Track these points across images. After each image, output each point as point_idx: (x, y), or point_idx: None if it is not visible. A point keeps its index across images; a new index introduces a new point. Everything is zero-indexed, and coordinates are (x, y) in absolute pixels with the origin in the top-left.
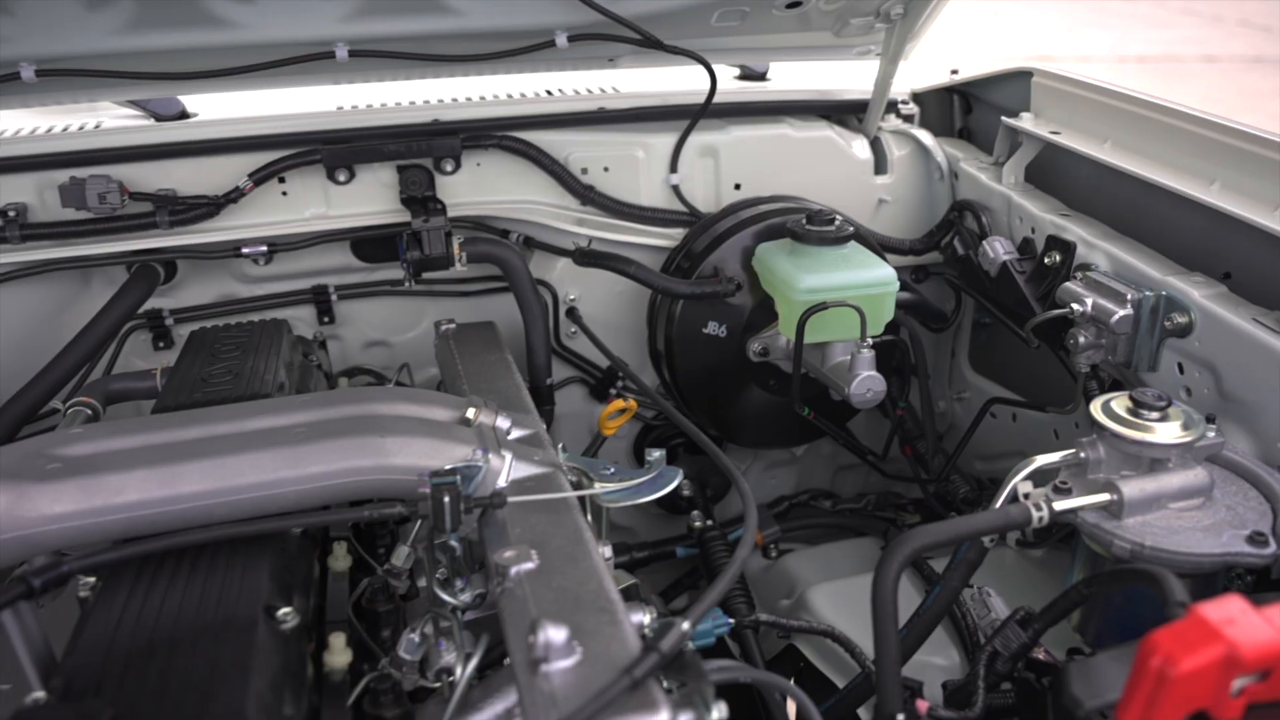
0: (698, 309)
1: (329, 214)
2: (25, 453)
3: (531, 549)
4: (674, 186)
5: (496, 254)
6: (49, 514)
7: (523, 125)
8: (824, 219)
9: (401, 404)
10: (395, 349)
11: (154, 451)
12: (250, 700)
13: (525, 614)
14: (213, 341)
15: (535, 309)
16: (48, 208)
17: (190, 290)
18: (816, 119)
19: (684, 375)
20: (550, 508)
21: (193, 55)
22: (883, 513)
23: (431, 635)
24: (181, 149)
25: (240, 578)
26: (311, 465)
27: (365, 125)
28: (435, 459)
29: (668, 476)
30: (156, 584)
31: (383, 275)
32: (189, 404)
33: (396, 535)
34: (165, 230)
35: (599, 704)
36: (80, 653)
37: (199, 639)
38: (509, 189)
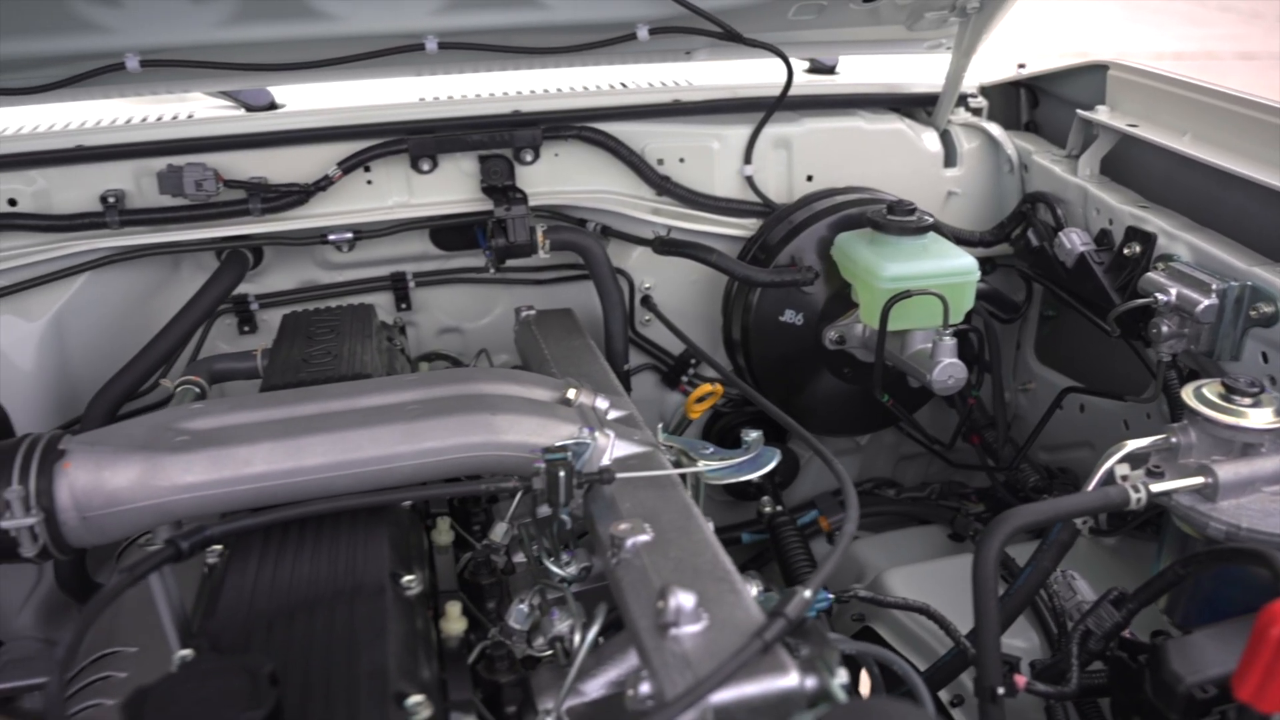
0: (775, 297)
1: (411, 202)
2: (152, 426)
3: (644, 523)
4: (748, 178)
5: (579, 242)
6: (181, 484)
7: (601, 117)
8: (905, 209)
9: (505, 384)
10: (468, 335)
11: (277, 426)
12: (390, 659)
13: (647, 582)
14: (307, 325)
15: (614, 296)
16: (144, 194)
17: (274, 276)
18: (887, 112)
19: (759, 362)
20: (655, 484)
21: (286, 47)
22: (946, 502)
23: (540, 606)
24: (273, 138)
25: (363, 547)
26: (426, 441)
27: (448, 116)
28: (543, 436)
29: (767, 456)
30: (284, 551)
31: (459, 263)
32: (295, 383)
33: (491, 513)
34: (256, 217)
35: (735, 665)
36: (222, 614)
37: (334, 602)
38: (586, 179)
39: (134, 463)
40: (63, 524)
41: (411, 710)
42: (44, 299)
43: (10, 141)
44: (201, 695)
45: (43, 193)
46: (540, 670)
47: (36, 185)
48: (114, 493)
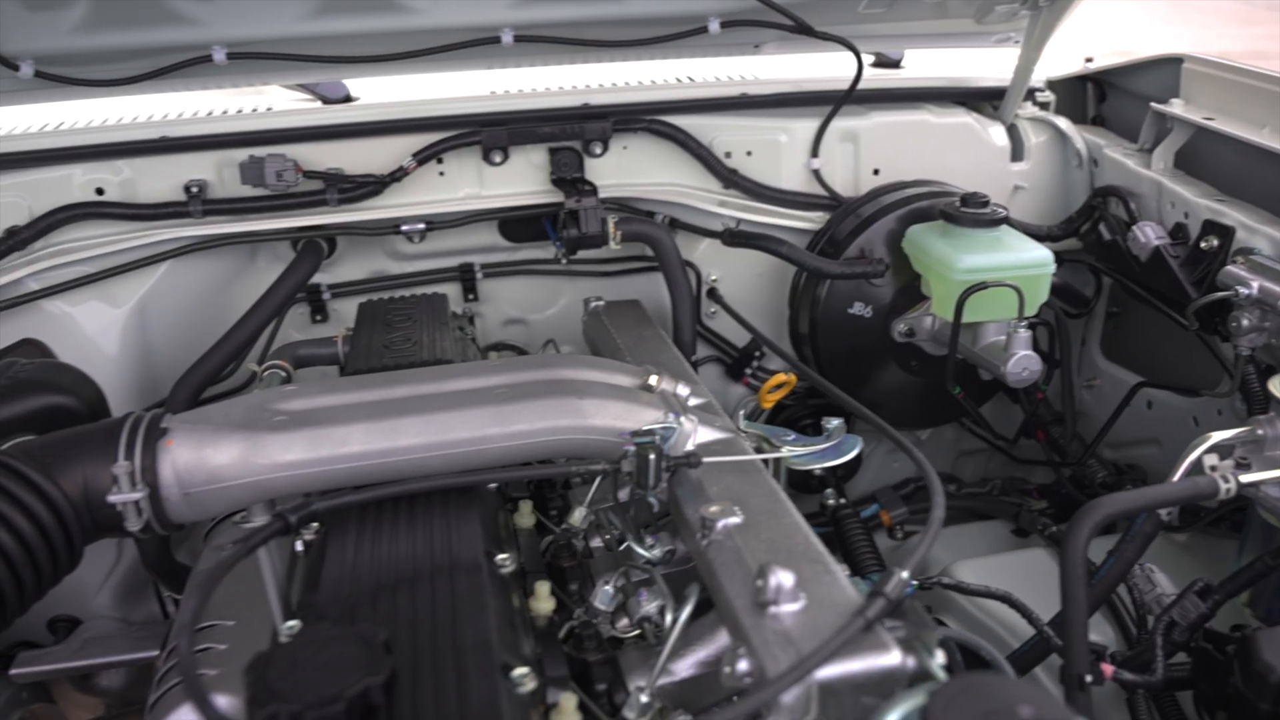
0: (844, 290)
1: (482, 194)
2: (249, 406)
3: (734, 506)
4: (815, 171)
5: (649, 233)
6: (280, 462)
7: (670, 110)
8: (979, 201)
9: (588, 370)
10: (532, 327)
11: (370, 407)
12: (493, 633)
13: (741, 563)
14: (384, 312)
15: (684, 288)
16: (225, 184)
17: (345, 266)
18: (953, 105)
19: (827, 354)
20: (740, 469)
21: (364, 40)
22: (1008, 498)
23: (625, 587)
24: (349, 130)
25: (456, 526)
26: (516, 424)
27: (519, 109)
28: (628, 421)
29: (849, 443)
30: (380, 529)
31: (525, 255)
32: (379, 368)
33: (567, 499)
34: (333, 207)
35: (839, 641)
36: (325, 588)
37: (433, 577)
38: (653, 171)
39: (235, 441)
40: (165, 499)
41: (517, 681)
42: (128, 286)
43: (98, 132)
44: (321, 661)
45: (129, 182)
46: (627, 650)
47: (123, 175)
48: (216, 470)
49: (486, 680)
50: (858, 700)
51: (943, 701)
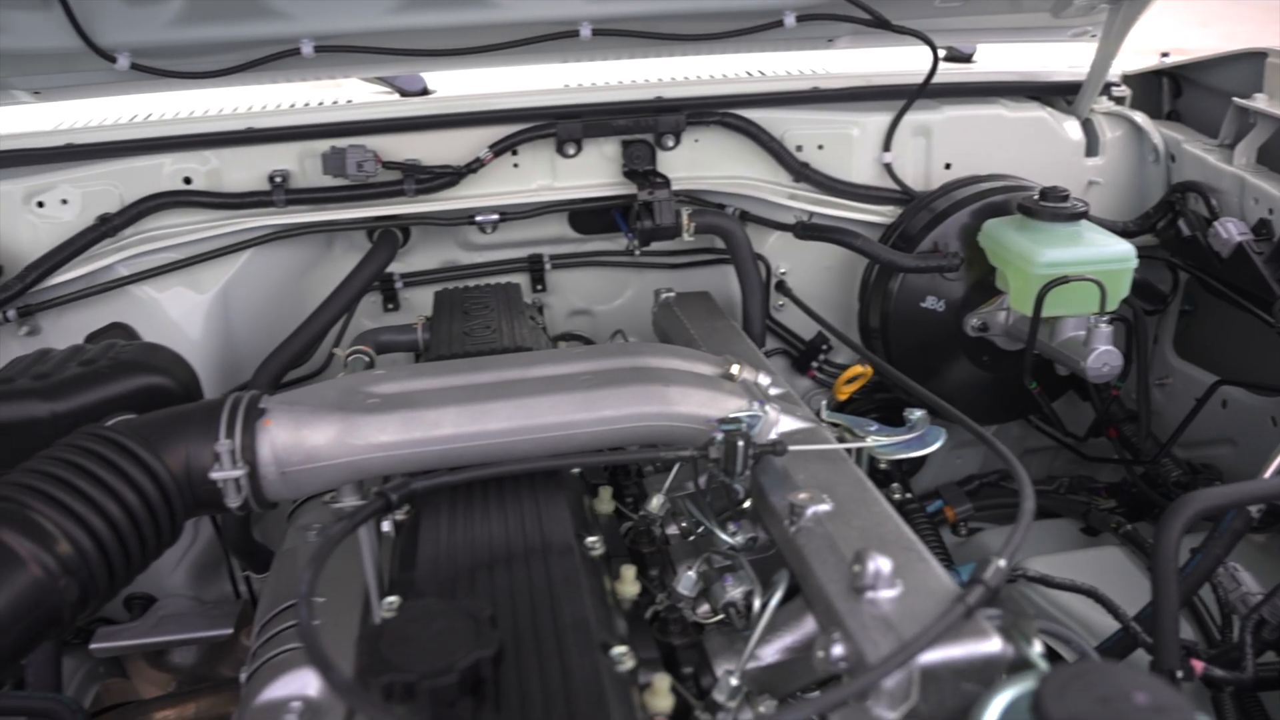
0: (917, 284)
1: (554, 185)
2: (343, 389)
3: (822, 493)
4: (886, 165)
5: (722, 225)
6: (375, 443)
7: (742, 103)
8: (1058, 195)
9: (671, 358)
10: (597, 318)
11: (460, 391)
12: (590, 612)
13: (834, 549)
14: (461, 301)
15: (754, 280)
16: (307, 174)
17: (417, 256)
18: (1026, 100)
19: (898, 349)
20: (826, 458)
21: (446, 34)
22: (1075, 496)
23: (708, 573)
24: (427, 122)
25: (545, 508)
26: (603, 409)
27: (593, 102)
28: (713, 408)
29: (934, 434)
30: (471, 510)
31: (593, 246)
32: (462, 354)
33: (643, 486)
34: (410, 198)
35: (941, 627)
36: (422, 565)
37: (527, 558)
38: (724, 164)
39: (331, 422)
40: (263, 478)
41: (617, 660)
42: (213, 272)
43: (187, 123)
44: (431, 633)
45: (215, 172)
46: (711, 634)
47: (210, 165)
48: (313, 449)
49: (587, 657)
50: (958, 686)
51: (1055, 687)
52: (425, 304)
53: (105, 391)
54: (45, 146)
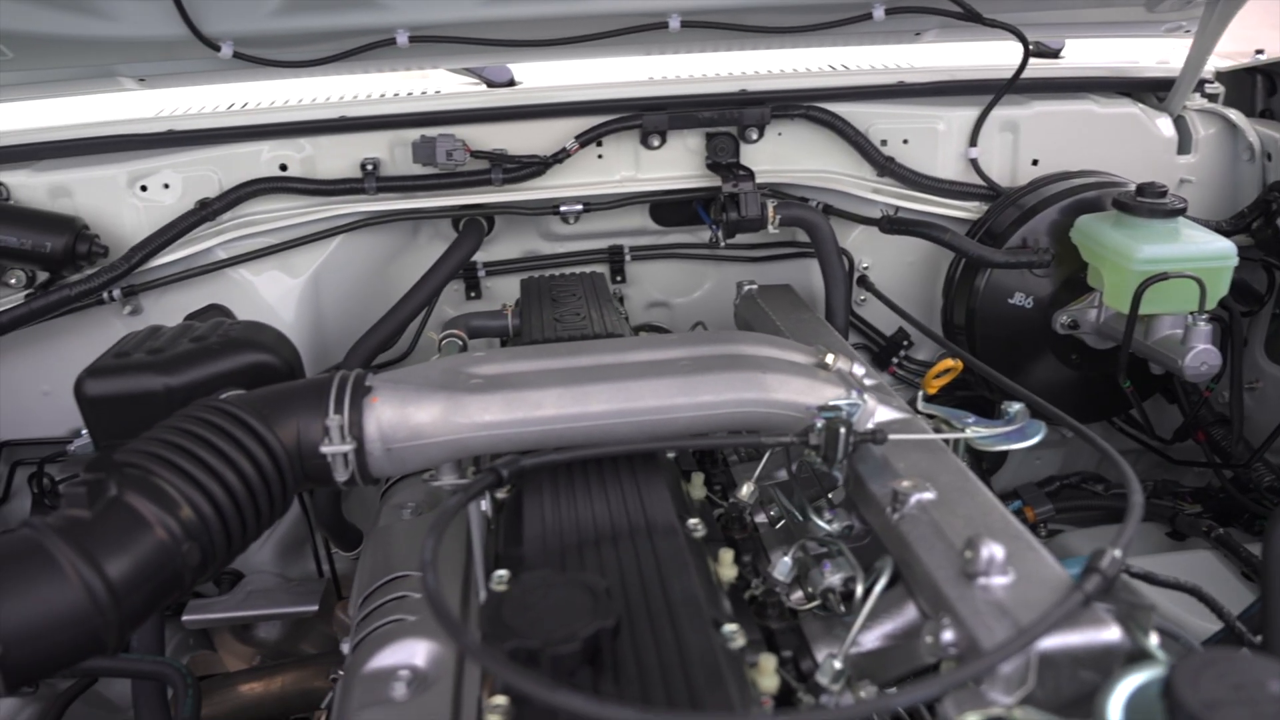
0: (1005, 280)
1: (637, 177)
2: (444, 369)
3: (925, 481)
4: (972, 160)
5: (807, 218)
6: (478, 422)
7: (827, 97)
8: (1156, 190)
9: (766, 347)
10: (675, 310)
11: (561, 374)
12: (700, 589)
13: (941, 536)
14: (548, 289)
15: (839, 273)
16: (397, 163)
17: (499, 245)
18: (1117, 95)
19: (984, 346)
20: (925, 448)
21: (536, 25)
22: (1159, 500)
23: (805, 559)
24: (515, 113)
25: (646, 490)
26: (703, 395)
27: (678, 94)
28: (811, 396)
29: (1034, 428)
30: (573, 490)
31: (673, 239)
32: (555, 339)
33: (731, 474)
34: (497, 187)
35: (1060, 613)
36: (529, 541)
37: (632, 537)
38: (807, 158)
39: (436, 400)
40: (369, 453)
41: (728, 637)
42: (305, 257)
43: (283, 111)
44: (551, 604)
45: (309, 159)
46: (808, 619)
47: (305, 152)
48: (418, 427)
49: (701, 633)
50: (1076, 674)
51: (1188, 674)
52: (506, 292)
53: (216, 367)
54: (148, 133)
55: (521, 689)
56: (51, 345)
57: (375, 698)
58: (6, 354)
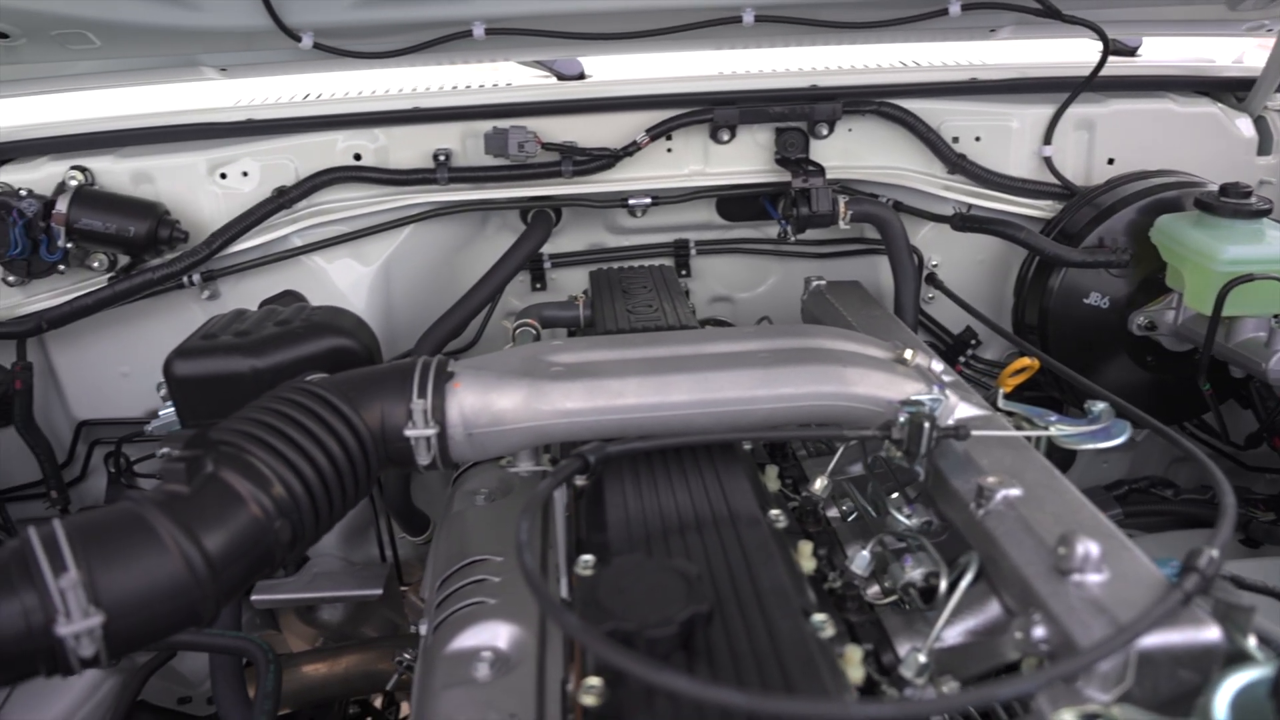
0: (1081, 280)
1: (706, 171)
2: (524, 357)
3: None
4: (1046, 158)
5: (878, 214)
6: (560, 409)
7: (899, 93)
8: (1240, 191)
9: (841, 340)
10: (738, 305)
11: (640, 364)
12: (787, 579)
13: (1030, 532)
14: (618, 281)
15: (909, 270)
16: (468, 154)
17: (565, 237)
18: (1195, 94)
19: (1057, 345)
20: (1007, 445)
21: (610, 18)
22: None
23: (883, 554)
24: (586, 105)
25: (726, 480)
26: (782, 387)
27: (748, 89)
28: (892, 390)
29: (1119, 427)
30: (653, 478)
31: (738, 233)
32: (629, 329)
33: (802, 467)
34: (566, 179)
35: (1160, 611)
36: (613, 528)
37: (716, 526)
38: (877, 154)
39: (519, 387)
40: (450, 438)
41: (818, 626)
42: (377, 246)
43: (358, 102)
44: (645, 587)
45: (383, 149)
46: (887, 613)
47: (379, 142)
48: (500, 413)
49: (792, 621)
50: (1174, 673)
51: None
52: (571, 284)
53: (300, 350)
54: (228, 121)
55: (626, 670)
56: (131, 328)
57: (458, 678)
58: (87, 335)
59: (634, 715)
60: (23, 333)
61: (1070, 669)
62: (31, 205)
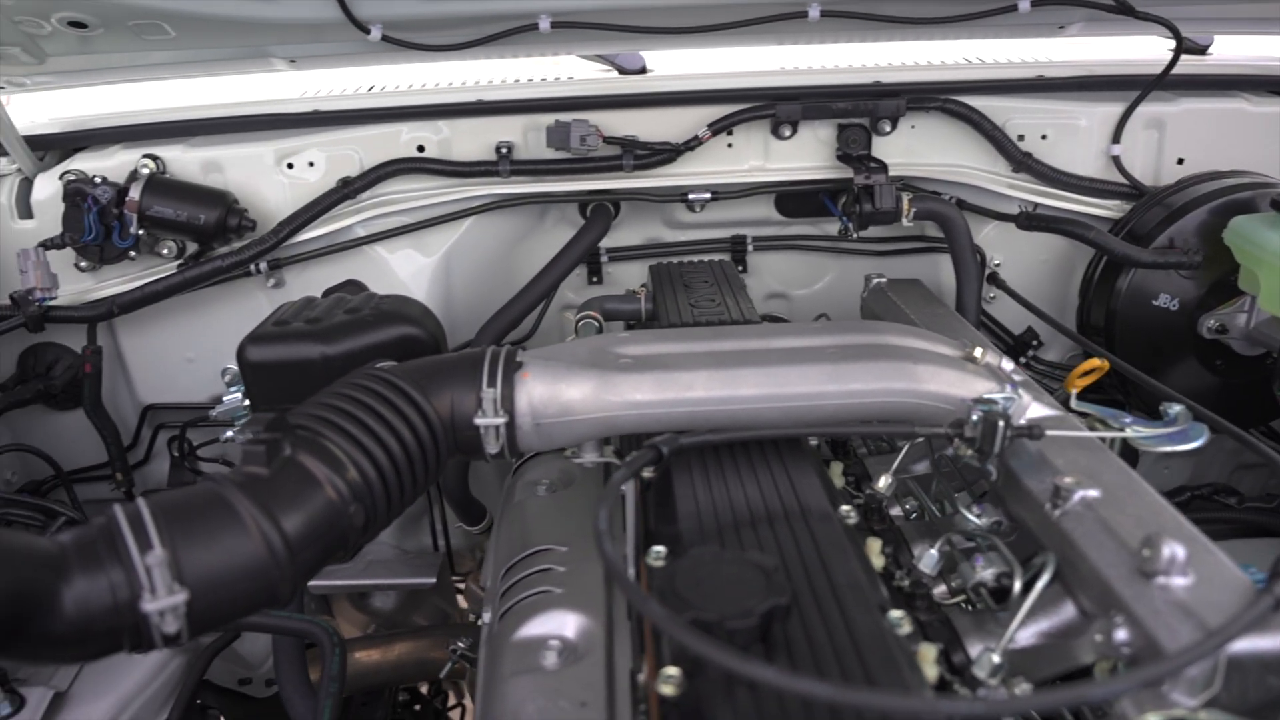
0: (1150, 281)
1: (766, 166)
2: (593, 348)
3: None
4: (1114, 157)
5: (942, 212)
6: (629, 400)
7: (964, 90)
8: None
9: (910, 338)
10: (794, 302)
11: (710, 357)
12: (861, 572)
13: (1110, 534)
14: (679, 275)
15: (972, 269)
16: (529, 147)
17: (622, 232)
18: (1267, 94)
19: (1124, 348)
20: (1082, 446)
21: (672, 12)
22: None
23: (951, 553)
24: (648, 100)
25: (796, 476)
26: (851, 383)
27: (811, 84)
28: (963, 389)
29: (1197, 430)
30: (721, 472)
31: (796, 230)
32: (692, 323)
33: (865, 465)
34: (627, 173)
35: (1251, 616)
36: (684, 519)
37: (788, 520)
38: (940, 151)
39: (588, 378)
40: (519, 428)
41: (895, 622)
42: (438, 237)
43: (422, 94)
44: (723, 579)
45: (446, 141)
46: (956, 613)
47: (442, 134)
48: (568, 403)
49: (870, 616)
50: (1264, 679)
51: None
52: (627, 278)
53: (369, 338)
54: (296, 112)
55: (712, 660)
56: (196, 314)
57: (526, 665)
58: (154, 321)
59: (713, 705)
60: (94, 317)
61: (1160, 672)
62: (105, 192)
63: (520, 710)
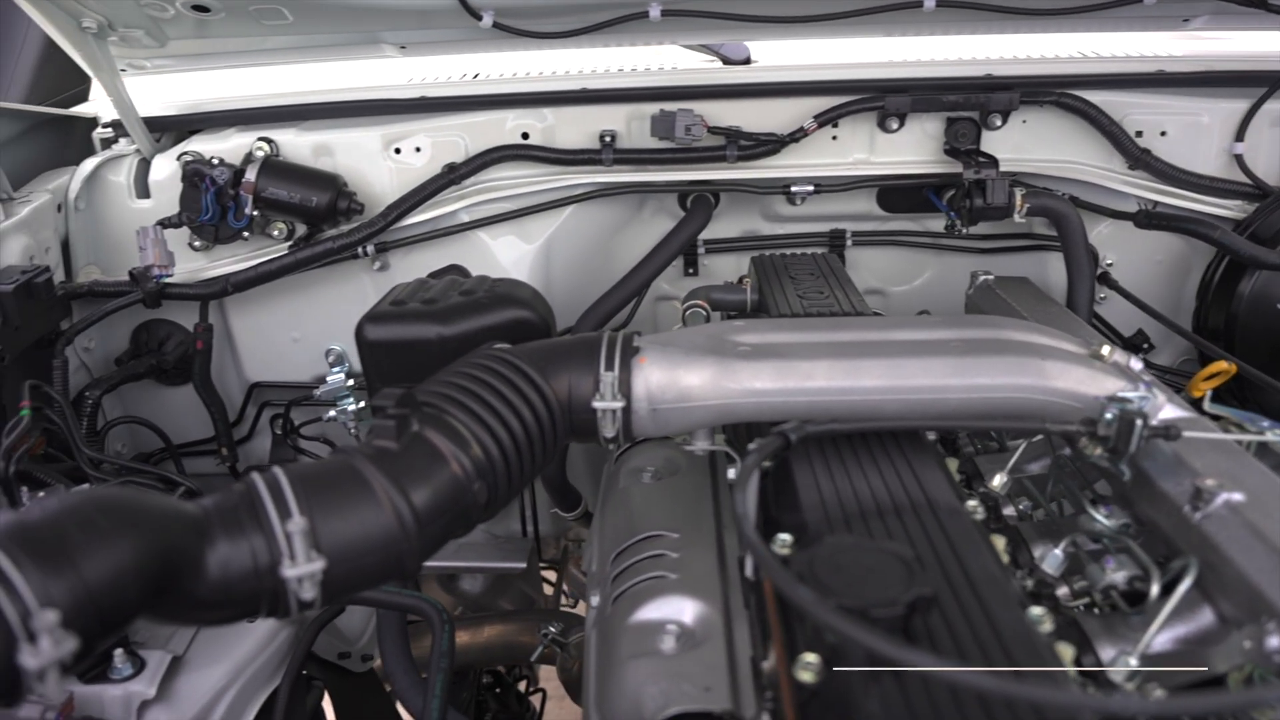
0: (1275, 284)
1: (870, 160)
2: (710, 335)
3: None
4: (1237, 156)
5: (1056, 208)
6: (749, 388)
7: (1080, 84)
8: None
9: (1034, 334)
10: (890, 298)
11: (830, 347)
12: (997, 567)
13: (1259, 537)
14: (783, 267)
15: (1085, 268)
16: (632, 136)
17: (719, 224)
18: None
19: (1244, 353)
20: (1220, 448)
21: (783, 2)
22: None
23: (1077, 554)
24: (753, 90)
25: (919, 468)
26: (977, 377)
27: (920, 77)
28: (1094, 387)
29: None
30: (842, 462)
31: (896, 225)
32: (804, 314)
33: (975, 464)
34: (730, 163)
35: None
36: (808, 509)
37: (916, 512)
38: (1052, 147)
39: (706, 365)
40: (635, 412)
41: (1037, 619)
42: (540, 224)
43: (528, 82)
44: (863, 567)
45: (550, 129)
46: (1084, 615)
47: (546, 122)
48: (686, 390)
49: (1012, 612)
50: None
51: None
52: (724, 270)
53: (484, 320)
54: (403, 98)
55: (869, 647)
56: (303, 295)
57: (643, 649)
58: (262, 301)
59: (856, 694)
60: (209, 294)
61: None
62: (223, 174)
63: (642, 692)
